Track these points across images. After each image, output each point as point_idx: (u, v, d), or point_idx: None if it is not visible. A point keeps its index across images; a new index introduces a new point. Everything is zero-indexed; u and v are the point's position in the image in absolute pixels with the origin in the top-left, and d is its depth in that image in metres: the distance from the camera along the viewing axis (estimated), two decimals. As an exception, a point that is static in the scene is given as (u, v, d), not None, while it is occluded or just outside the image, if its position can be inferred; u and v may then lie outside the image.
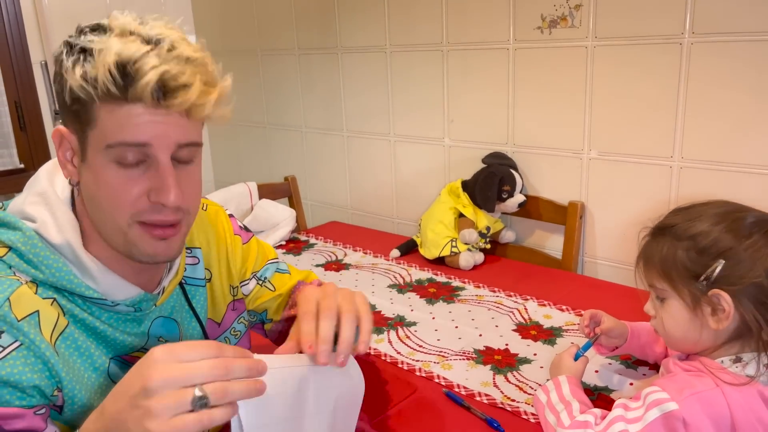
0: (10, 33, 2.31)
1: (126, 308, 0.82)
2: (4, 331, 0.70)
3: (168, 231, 0.78)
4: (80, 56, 0.72)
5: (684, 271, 0.89)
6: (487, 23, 1.82)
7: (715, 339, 0.90)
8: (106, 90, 0.71)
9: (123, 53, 0.70)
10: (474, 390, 1.15)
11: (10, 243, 0.76)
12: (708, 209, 0.92)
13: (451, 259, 1.76)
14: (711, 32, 1.44)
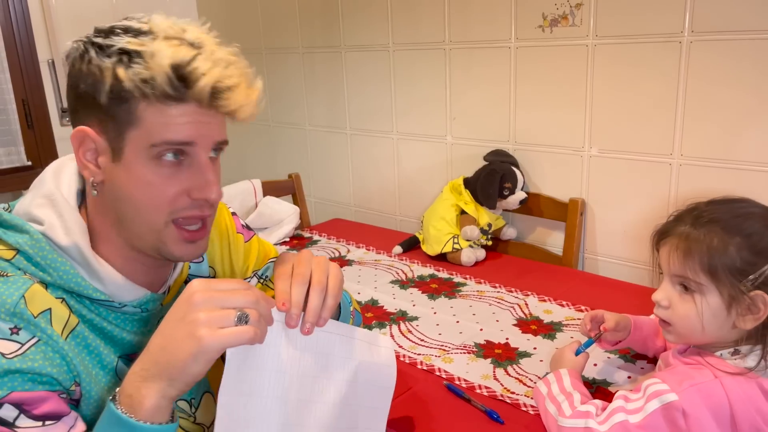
0: (17, 32, 2.33)
1: (133, 309, 0.83)
2: (22, 327, 0.71)
3: (199, 233, 0.81)
4: (122, 57, 0.73)
5: (732, 267, 0.87)
6: (489, 22, 1.84)
7: (733, 335, 0.90)
8: (162, 91, 0.73)
9: (176, 57, 0.73)
10: (474, 383, 1.17)
11: (18, 246, 0.77)
12: (752, 208, 0.91)
13: (453, 255, 1.78)
14: (710, 31, 1.45)
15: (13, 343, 0.71)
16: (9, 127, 2.33)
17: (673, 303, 0.93)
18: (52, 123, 2.45)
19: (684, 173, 1.57)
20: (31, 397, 0.71)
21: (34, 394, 0.71)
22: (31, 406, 0.70)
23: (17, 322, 0.72)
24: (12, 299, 0.72)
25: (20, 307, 0.72)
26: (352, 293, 1.60)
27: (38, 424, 0.71)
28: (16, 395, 0.69)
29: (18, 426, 0.69)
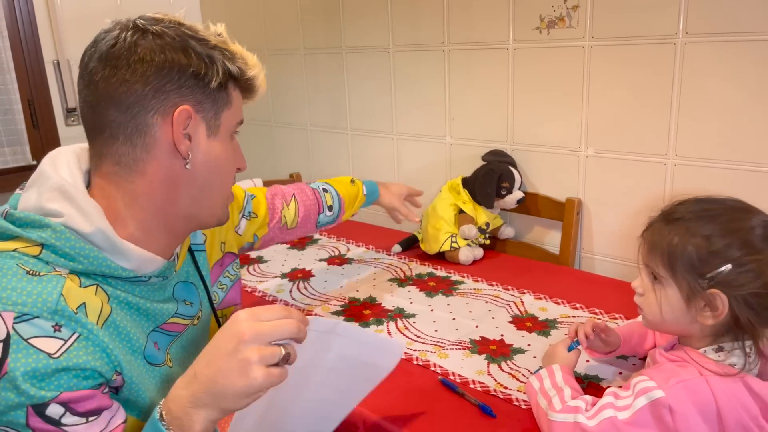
0: (23, 32, 2.37)
1: (156, 279, 0.89)
2: (63, 324, 0.74)
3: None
4: (222, 53, 0.86)
5: (689, 265, 0.90)
6: (488, 24, 1.86)
7: (698, 330, 0.94)
8: (245, 80, 0.90)
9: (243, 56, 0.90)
10: (468, 378, 1.19)
11: (42, 240, 0.78)
12: (723, 209, 0.93)
13: (451, 254, 1.80)
14: (704, 32, 1.47)
15: (57, 341, 0.73)
16: (14, 126, 2.37)
17: (646, 290, 0.98)
18: (57, 123, 2.48)
19: (679, 173, 1.59)
20: (77, 396, 0.74)
21: (81, 393, 0.74)
22: (77, 404, 0.74)
23: (58, 320, 0.74)
24: (52, 297, 0.74)
25: (61, 304, 0.74)
26: (349, 289, 1.63)
27: (83, 420, 0.74)
28: (65, 395, 0.73)
29: (64, 424, 0.73)
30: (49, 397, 0.71)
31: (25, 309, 0.72)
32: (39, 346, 0.71)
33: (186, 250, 1.00)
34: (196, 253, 1.04)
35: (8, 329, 0.71)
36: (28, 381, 0.70)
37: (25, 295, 0.73)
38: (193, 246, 1.05)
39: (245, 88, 0.91)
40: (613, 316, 1.41)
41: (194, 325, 0.99)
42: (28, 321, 0.72)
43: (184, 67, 0.82)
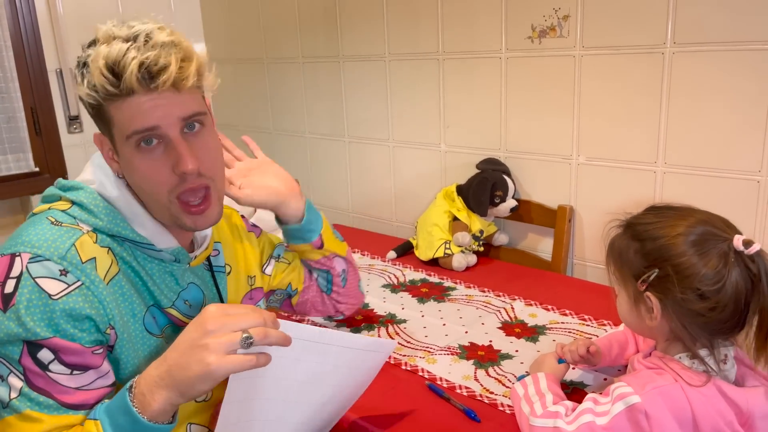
0: (26, 41, 2.40)
1: (168, 256, 0.95)
2: (70, 271, 0.83)
3: (202, 206, 0.92)
4: (83, 70, 0.86)
5: (629, 269, 0.96)
6: (481, 33, 1.89)
7: (655, 333, 0.98)
8: (105, 90, 0.84)
9: (109, 55, 0.83)
10: (455, 383, 1.21)
11: (75, 198, 0.90)
12: (674, 219, 0.94)
13: (445, 260, 1.82)
14: (691, 42, 1.49)
15: (61, 283, 0.82)
16: (17, 134, 2.40)
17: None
18: (59, 130, 2.52)
19: (668, 180, 1.61)
20: (67, 347, 0.82)
21: (71, 345, 0.82)
22: (66, 355, 0.82)
23: (66, 266, 0.83)
24: (65, 245, 0.84)
25: (71, 252, 0.84)
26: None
27: (67, 371, 0.82)
28: (56, 341, 0.81)
29: (50, 370, 0.81)
30: (43, 336, 0.80)
31: (39, 251, 0.82)
32: (43, 285, 0.81)
33: (203, 257, 1.04)
34: (217, 274, 1.08)
35: (22, 267, 0.81)
36: (29, 314, 0.80)
37: (42, 240, 0.84)
38: (215, 267, 1.08)
39: (115, 93, 0.83)
40: (602, 323, 1.43)
41: None
42: (40, 262, 0.82)
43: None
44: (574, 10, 1.67)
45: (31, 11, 2.40)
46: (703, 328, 0.91)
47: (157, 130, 0.86)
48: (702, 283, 0.88)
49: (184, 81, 0.86)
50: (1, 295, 0.81)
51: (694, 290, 0.89)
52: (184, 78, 0.85)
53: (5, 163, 2.40)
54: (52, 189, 0.95)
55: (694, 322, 0.91)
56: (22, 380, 0.81)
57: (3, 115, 2.37)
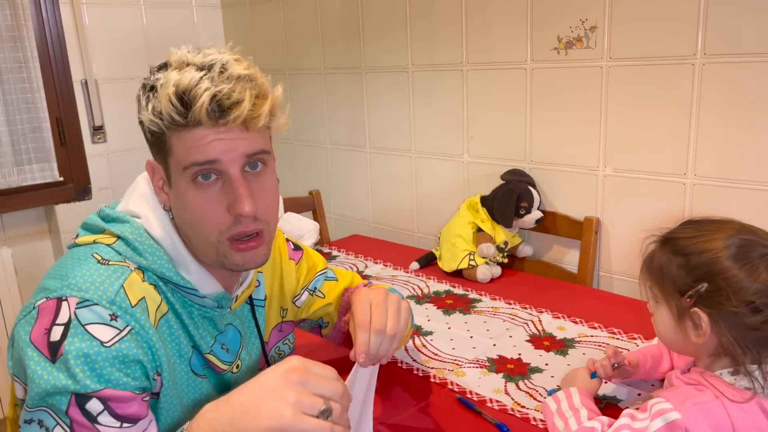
0: (52, 52, 2.44)
1: (211, 302, 0.91)
2: (119, 316, 0.79)
3: (251, 244, 0.86)
4: (150, 94, 0.82)
5: (673, 285, 0.94)
6: (506, 44, 1.89)
7: (699, 350, 0.95)
8: (170, 119, 0.80)
9: (180, 83, 0.79)
10: (486, 396, 1.19)
11: (120, 233, 0.86)
12: (716, 232, 0.94)
13: (469, 272, 1.81)
14: (722, 53, 1.48)
15: (112, 329, 0.78)
16: (43, 144, 2.43)
17: (653, 311, 1.02)
18: (84, 141, 2.55)
19: (698, 193, 1.59)
20: (119, 396, 0.77)
21: (123, 394, 0.77)
22: (117, 405, 0.77)
23: (115, 310, 0.79)
24: (113, 288, 0.80)
25: (120, 296, 0.80)
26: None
27: (117, 424, 0.77)
28: (107, 392, 0.76)
29: (99, 422, 0.76)
30: (93, 389, 0.75)
31: (87, 295, 0.78)
32: (94, 332, 0.77)
33: (245, 297, 1.00)
34: (257, 308, 1.05)
35: (70, 314, 0.77)
36: (78, 365, 0.75)
37: (89, 282, 0.79)
38: (255, 300, 1.05)
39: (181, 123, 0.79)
40: (632, 336, 1.41)
41: (233, 373, 0.99)
42: (89, 307, 0.77)
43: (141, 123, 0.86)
44: (602, 21, 1.66)
45: (57, 23, 2.44)
46: (755, 342, 0.89)
47: (216, 164, 0.81)
48: (755, 296, 0.87)
49: (255, 120, 0.81)
50: (47, 343, 0.76)
51: (747, 303, 0.87)
52: (255, 116, 0.81)
53: (30, 173, 2.43)
54: (95, 218, 0.90)
55: (746, 336, 0.89)
56: (68, 431, 0.75)
57: (29, 125, 2.40)
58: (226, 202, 0.83)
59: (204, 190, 0.82)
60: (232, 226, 0.84)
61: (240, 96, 0.79)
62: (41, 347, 0.76)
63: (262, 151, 0.85)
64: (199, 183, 0.82)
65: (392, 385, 1.25)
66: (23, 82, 2.37)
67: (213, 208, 0.83)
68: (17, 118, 2.37)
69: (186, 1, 2.81)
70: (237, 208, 0.82)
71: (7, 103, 2.34)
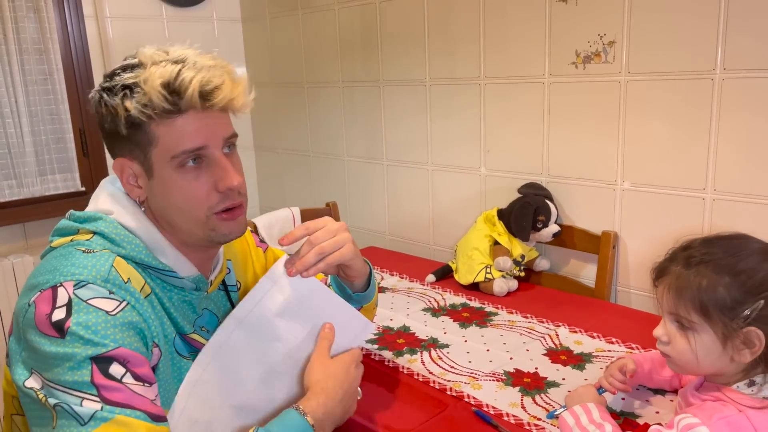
0: (77, 65, 2.49)
1: (190, 284, 0.96)
2: (114, 292, 0.84)
3: (236, 212, 0.94)
4: (126, 92, 0.86)
5: (723, 306, 0.89)
6: (524, 58, 1.90)
7: (733, 368, 0.93)
8: (161, 108, 0.86)
9: (165, 75, 0.86)
10: (502, 410, 1.19)
11: (95, 229, 0.90)
12: (746, 245, 0.94)
13: (485, 285, 1.81)
14: (742, 68, 1.48)
15: (113, 301, 0.83)
16: (66, 154, 2.47)
17: (672, 338, 0.97)
18: (105, 152, 2.59)
19: (717, 208, 1.58)
20: (134, 356, 0.81)
21: (136, 354, 0.82)
22: (134, 366, 0.81)
23: (110, 287, 0.84)
24: (104, 268, 0.85)
25: (112, 274, 0.85)
26: (383, 318, 1.64)
27: (138, 384, 0.81)
28: (123, 351, 0.80)
29: (125, 382, 0.79)
30: (111, 347, 0.79)
31: (81, 277, 0.83)
32: (98, 305, 0.81)
33: (219, 281, 1.05)
34: (232, 293, 1.10)
35: (69, 295, 0.81)
36: (90, 331, 0.79)
37: (81, 267, 0.84)
38: (229, 286, 1.10)
39: (170, 110, 0.86)
40: (649, 351, 1.39)
41: None
42: (86, 286, 0.82)
43: (103, 124, 0.91)
44: (620, 36, 1.66)
45: (82, 36, 2.49)
46: None
47: (204, 150, 0.90)
48: None
49: (235, 101, 0.90)
50: (50, 324, 0.79)
51: None
52: (235, 97, 0.90)
53: (53, 182, 2.47)
54: (66, 222, 0.94)
55: None
56: (99, 400, 0.76)
57: (53, 136, 2.45)
58: (211, 180, 0.90)
59: (191, 173, 0.89)
60: (220, 202, 0.92)
61: (220, 80, 0.88)
62: (46, 330, 0.79)
63: (235, 134, 0.95)
64: (188, 168, 0.89)
65: (409, 397, 1.25)
66: (48, 93, 2.42)
67: (201, 188, 0.90)
68: (41, 129, 2.42)
69: (207, 15, 2.86)
70: (227, 183, 0.90)
71: (32, 114, 2.39)
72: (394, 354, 1.44)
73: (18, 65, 2.32)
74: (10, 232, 2.43)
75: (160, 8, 2.71)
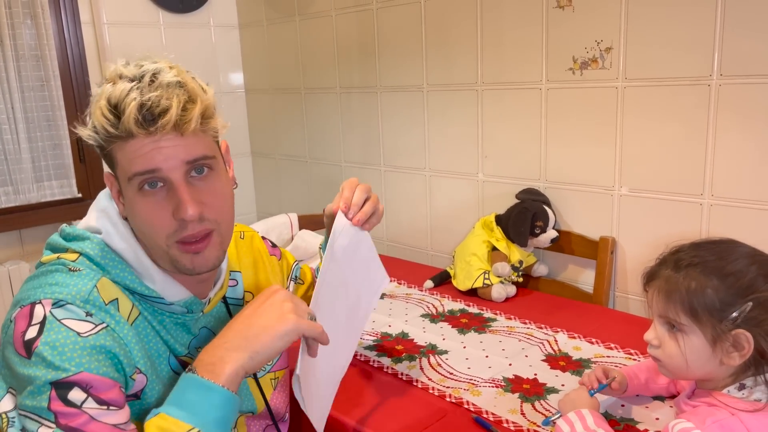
0: (74, 71, 2.49)
1: (180, 309, 0.92)
2: (93, 314, 0.81)
3: (199, 245, 0.87)
4: (88, 109, 0.84)
5: (711, 308, 0.90)
6: (521, 64, 1.90)
7: (723, 372, 0.94)
8: (105, 132, 0.81)
9: (111, 95, 0.81)
10: (501, 417, 1.18)
11: (81, 250, 0.87)
12: (734, 249, 0.95)
13: (484, 291, 1.80)
14: (738, 74, 1.48)
15: (88, 324, 0.80)
16: (62, 161, 2.47)
17: (663, 342, 0.97)
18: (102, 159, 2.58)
19: (715, 213, 1.58)
20: (98, 381, 0.78)
21: (102, 379, 0.78)
22: (98, 391, 0.78)
23: (89, 309, 0.81)
24: (86, 288, 0.82)
25: (93, 295, 0.82)
26: (382, 324, 1.64)
27: (101, 408, 0.78)
28: (86, 375, 0.77)
29: (85, 408, 0.76)
30: (72, 371, 0.76)
31: (61, 296, 0.80)
32: (70, 326, 0.79)
33: (219, 298, 1.01)
34: (233, 307, 1.06)
35: (45, 313, 0.79)
36: (55, 353, 0.76)
37: (63, 285, 0.82)
38: (231, 300, 1.06)
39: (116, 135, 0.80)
40: (647, 358, 1.39)
41: None
42: (63, 306, 0.80)
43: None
44: (617, 42, 1.67)
45: (79, 43, 2.49)
46: None
47: (158, 173, 0.82)
48: None
49: (186, 124, 0.82)
50: (23, 342, 0.77)
51: None
52: (186, 121, 0.82)
53: (50, 189, 2.46)
54: (57, 238, 0.91)
55: None
56: (54, 427, 0.74)
57: (49, 143, 2.45)
58: (171, 207, 0.84)
59: (150, 198, 0.84)
60: (178, 231, 0.85)
61: (167, 103, 0.80)
62: (18, 348, 0.78)
63: (204, 157, 0.86)
64: (146, 191, 0.84)
65: (408, 404, 1.24)
66: (45, 100, 2.41)
67: (158, 214, 0.84)
68: (38, 135, 2.41)
69: (204, 21, 2.86)
70: (180, 213, 0.83)
71: (29, 120, 2.38)
72: (392, 360, 1.44)
73: (15, 71, 2.32)
74: (7, 239, 2.42)
75: (158, 15, 2.71)
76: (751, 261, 0.92)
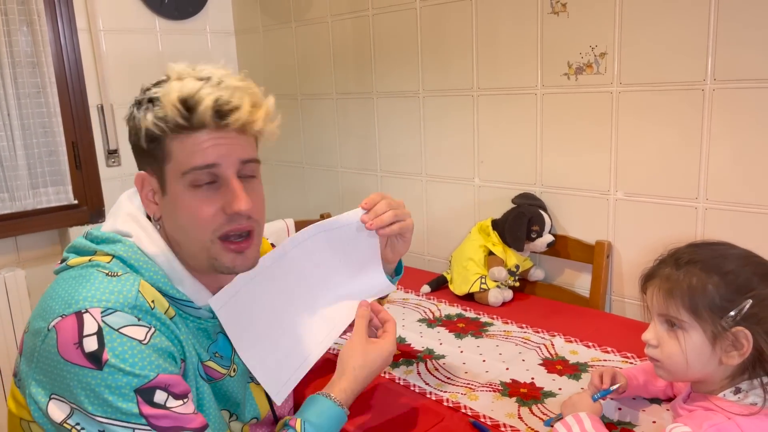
0: (70, 78, 2.49)
1: (206, 314, 0.95)
2: (142, 318, 0.84)
3: (243, 244, 0.92)
4: (149, 105, 0.87)
5: (712, 305, 0.90)
6: (516, 70, 1.91)
7: (720, 373, 0.94)
8: (174, 123, 0.85)
9: (183, 90, 0.85)
10: (499, 421, 1.19)
11: (114, 252, 0.89)
12: (729, 249, 0.96)
13: (480, 295, 1.81)
14: (732, 79, 1.49)
15: (143, 328, 0.83)
16: (58, 167, 2.46)
17: (662, 341, 0.97)
18: (98, 164, 2.58)
19: (710, 217, 1.59)
20: (173, 379, 0.83)
21: (173, 377, 0.83)
22: (175, 388, 0.82)
23: (137, 313, 0.83)
24: (131, 294, 0.84)
25: (139, 300, 0.84)
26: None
27: (180, 402, 0.83)
28: (163, 377, 0.81)
29: (170, 407, 0.81)
30: (151, 376, 0.80)
31: (108, 304, 0.81)
32: (129, 333, 0.80)
33: None
34: None
35: (99, 323, 0.80)
36: (128, 363, 0.79)
37: (108, 292, 0.83)
38: None
39: (184, 126, 0.85)
40: (645, 361, 1.40)
41: (231, 377, 1.02)
42: (113, 313, 0.81)
43: (131, 137, 0.92)
44: (611, 48, 1.68)
45: (75, 49, 2.49)
46: None
47: (215, 168, 0.87)
48: None
49: (253, 124, 0.88)
50: (84, 354, 0.78)
51: None
52: (253, 121, 0.88)
53: (45, 195, 2.46)
54: (83, 241, 0.93)
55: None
56: (150, 429, 0.79)
57: (45, 149, 2.44)
58: (221, 202, 0.89)
59: (200, 193, 0.88)
60: (225, 224, 0.89)
61: (239, 101, 0.87)
62: (78, 361, 0.78)
63: (254, 160, 0.92)
64: (196, 186, 0.87)
65: (405, 409, 1.24)
66: (41, 106, 2.41)
67: (206, 208, 0.88)
68: (34, 142, 2.40)
69: (200, 28, 2.86)
70: (234, 206, 0.88)
71: (25, 127, 2.38)
72: (390, 365, 1.44)
73: (11, 78, 2.31)
74: (2, 246, 2.41)
75: (154, 21, 2.71)
76: (745, 263, 0.93)
